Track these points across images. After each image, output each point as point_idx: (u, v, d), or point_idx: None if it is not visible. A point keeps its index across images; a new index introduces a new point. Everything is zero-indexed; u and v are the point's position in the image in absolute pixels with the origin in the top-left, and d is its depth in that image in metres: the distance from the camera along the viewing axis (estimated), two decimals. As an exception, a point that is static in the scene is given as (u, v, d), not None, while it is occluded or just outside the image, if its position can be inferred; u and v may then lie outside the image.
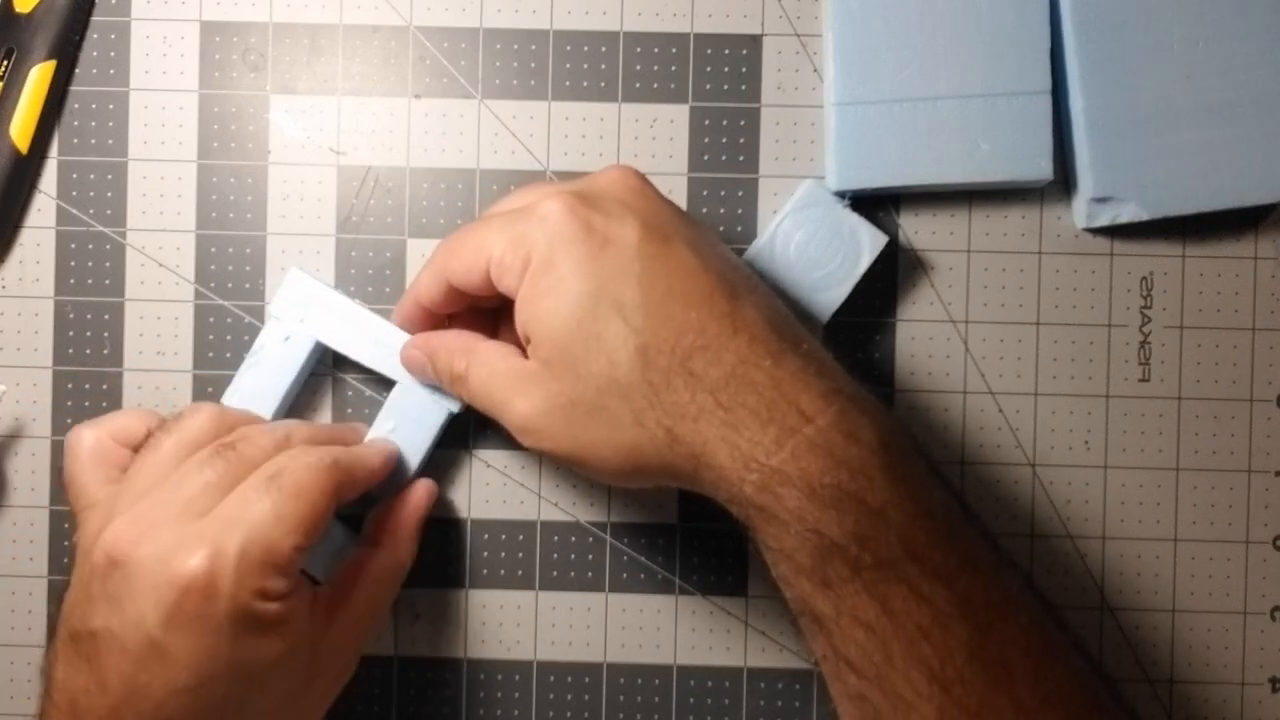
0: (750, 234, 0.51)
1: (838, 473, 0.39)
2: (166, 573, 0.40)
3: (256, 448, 0.44)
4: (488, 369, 0.43)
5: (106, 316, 0.51)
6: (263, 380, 0.49)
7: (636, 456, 0.41)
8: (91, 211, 0.51)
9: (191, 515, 0.42)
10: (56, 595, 0.51)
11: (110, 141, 0.51)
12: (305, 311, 0.49)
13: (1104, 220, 0.50)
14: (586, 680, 0.51)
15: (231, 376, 0.50)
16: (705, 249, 0.42)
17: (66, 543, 0.51)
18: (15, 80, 0.50)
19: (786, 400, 0.39)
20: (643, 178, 0.44)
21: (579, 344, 0.41)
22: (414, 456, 0.49)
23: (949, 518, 0.40)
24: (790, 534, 0.39)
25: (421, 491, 0.49)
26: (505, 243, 0.42)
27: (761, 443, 0.39)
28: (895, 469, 0.39)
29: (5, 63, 0.50)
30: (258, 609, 0.41)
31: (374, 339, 0.49)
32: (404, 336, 0.49)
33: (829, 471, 0.39)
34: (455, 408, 0.49)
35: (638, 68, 0.51)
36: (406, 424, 0.49)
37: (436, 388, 0.49)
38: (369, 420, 0.51)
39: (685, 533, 0.51)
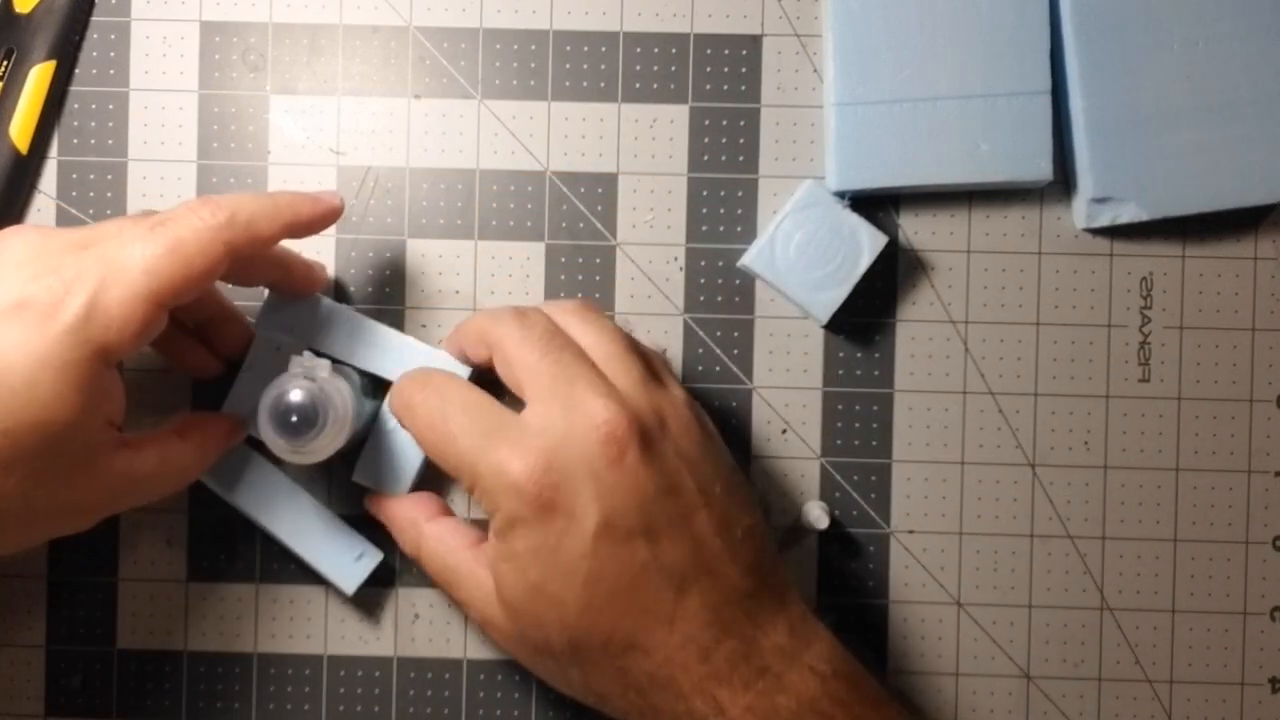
0: (750, 234, 0.51)
1: None
2: (14, 285, 0.40)
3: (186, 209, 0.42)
4: (439, 561, 0.46)
5: (106, 317, 0.51)
6: (256, 393, 0.49)
7: (578, 691, 0.44)
8: (91, 212, 0.51)
9: (76, 247, 0.41)
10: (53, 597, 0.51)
11: (110, 142, 0.51)
12: (293, 321, 0.49)
13: (1104, 220, 0.50)
14: (586, 680, 0.51)
15: (229, 377, 0.50)
16: (668, 532, 0.41)
17: (65, 542, 0.51)
18: (15, 80, 0.50)
19: (704, 695, 0.41)
20: (631, 441, 0.41)
21: (526, 615, 0.42)
22: (417, 453, 0.49)
23: None
24: None
25: (227, 425, 0.48)
26: (468, 478, 0.43)
27: None
28: None
29: (5, 63, 0.50)
30: (84, 353, 0.40)
31: (365, 341, 0.49)
32: (393, 335, 0.49)
33: None
34: None
35: (637, 68, 0.51)
36: (406, 424, 0.49)
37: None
38: (369, 420, 0.51)
39: (685, 533, 0.51)
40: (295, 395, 0.44)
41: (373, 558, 0.49)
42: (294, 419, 0.44)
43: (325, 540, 0.49)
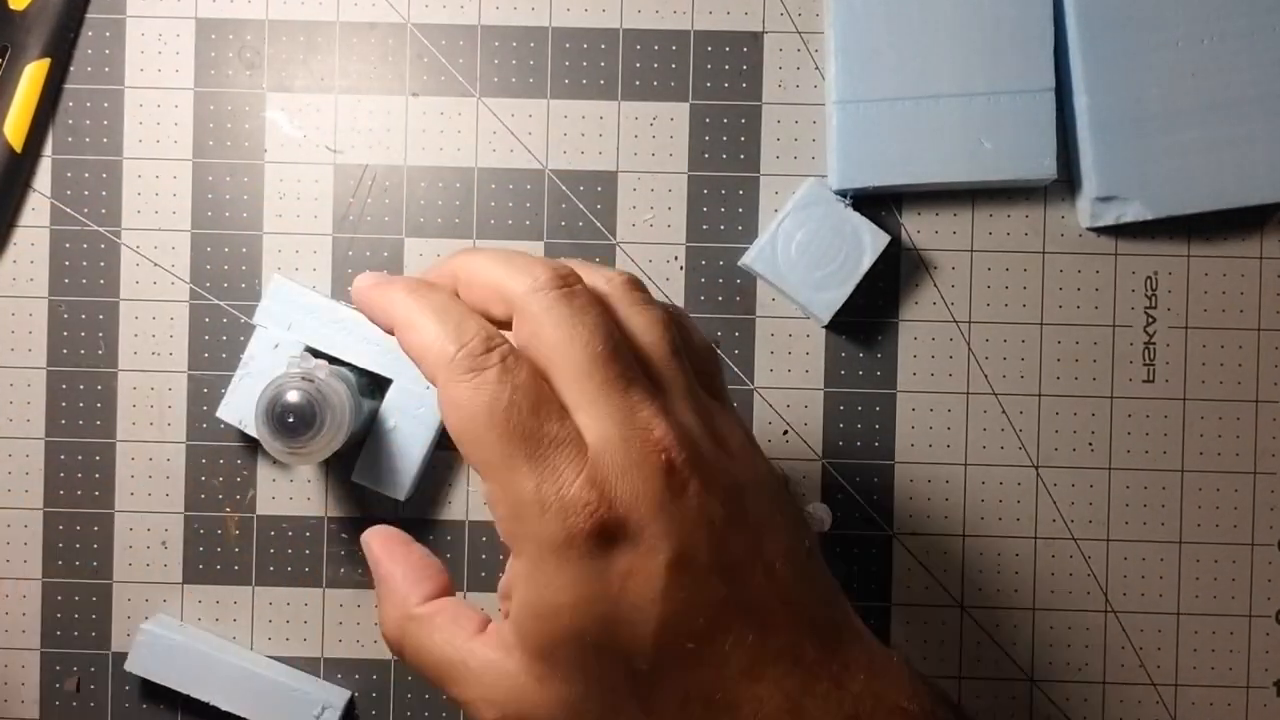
0: (751, 233, 0.51)
1: None
2: None
3: None
4: (436, 653, 0.38)
5: (101, 316, 0.51)
6: (256, 389, 0.49)
7: None
8: (86, 210, 0.51)
9: None
10: (50, 598, 0.51)
11: (105, 140, 0.51)
12: (291, 317, 0.49)
13: (1108, 220, 0.50)
14: (586, 684, 0.50)
15: (228, 377, 0.50)
16: (741, 566, 0.36)
17: (61, 545, 0.51)
18: (9, 78, 0.50)
19: None
20: (695, 470, 0.35)
21: (575, 677, 0.35)
22: (417, 452, 0.49)
23: None
24: None
25: None
26: (505, 495, 0.35)
27: None
28: None
29: (0, 60, 0.50)
30: None
31: (363, 338, 0.49)
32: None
33: None
34: None
35: (637, 65, 0.51)
36: (406, 420, 0.49)
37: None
38: (366, 421, 0.50)
39: (685, 535, 0.51)
40: (292, 396, 0.44)
41: (334, 710, 0.49)
42: (291, 420, 0.44)
43: (280, 703, 0.48)
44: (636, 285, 0.38)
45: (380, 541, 0.41)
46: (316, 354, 0.49)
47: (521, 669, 0.36)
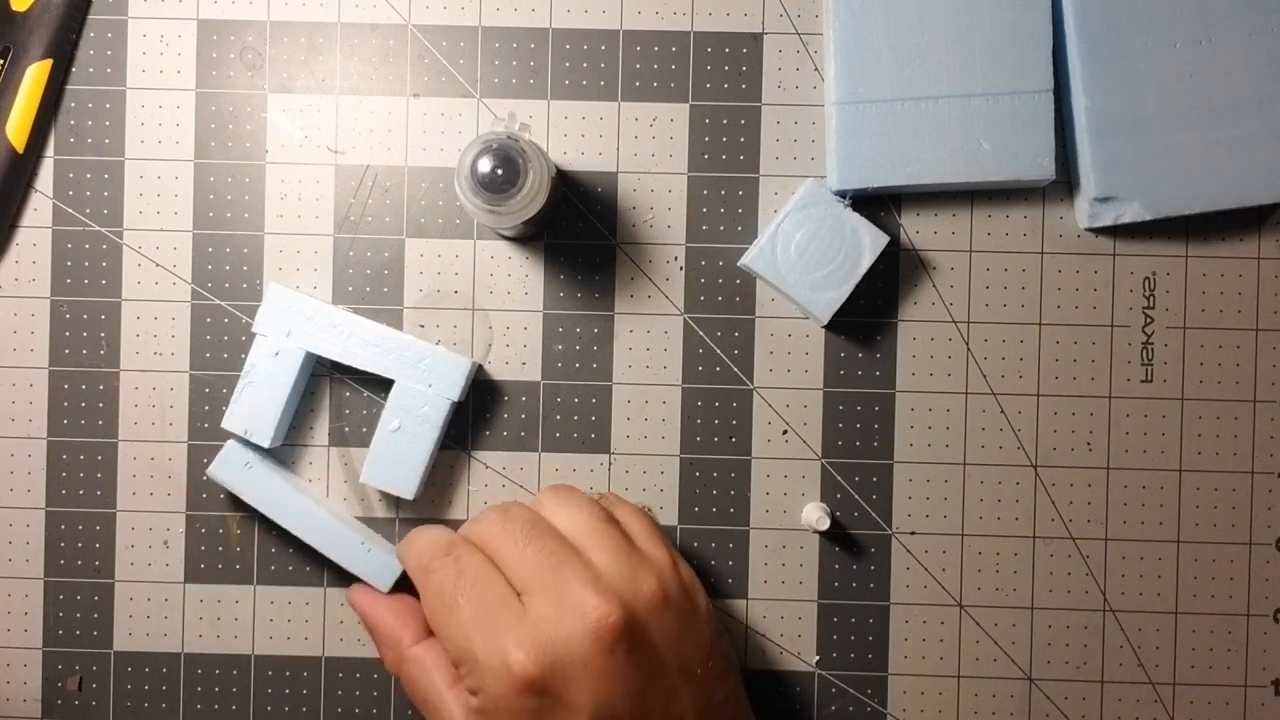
0: (750, 234, 0.51)
1: None
2: None
3: None
4: (420, 690, 0.46)
5: (103, 316, 0.51)
6: (259, 398, 0.49)
7: None
8: (88, 211, 0.51)
9: None
10: (53, 598, 0.51)
11: (107, 141, 0.51)
12: (290, 324, 0.49)
13: (1106, 220, 0.50)
14: (586, 682, 0.50)
15: (229, 377, 0.50)
16: (655, 712, 0.43)
17: (63, 544, 0.51)
18: (11, 79, 0.50)
19: None
20: (622, 632, 0.43)
21: None
22: (423, 451, 0.49)
23: None
24: None
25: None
26: (459, 653, 0.44)
27: None
28: None
29: (2, 61, 0.50)
30: None
31: (363, 341, 0.49)
32: (392, 335, 0.49)
33: None
34: (456, 396, 0.49)
35: (638, 66, 0.51)
36: (411, 420, 0.49)
37: (434, 381, 0.49)
38: (373, 420, 0.50)
39: (685, 534, 0.51)
40: (498, 149, 0.44)
41: (380, 547, 0.50)
42: (499, 171, 0.44)
43: (339, 540, 0.49)
44: (564, 486, 0.48)
45: (364, 597, 0.49)
46: (319, 358, 0.50)
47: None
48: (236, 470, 0.49)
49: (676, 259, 0.51)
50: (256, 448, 0.50)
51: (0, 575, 0.51)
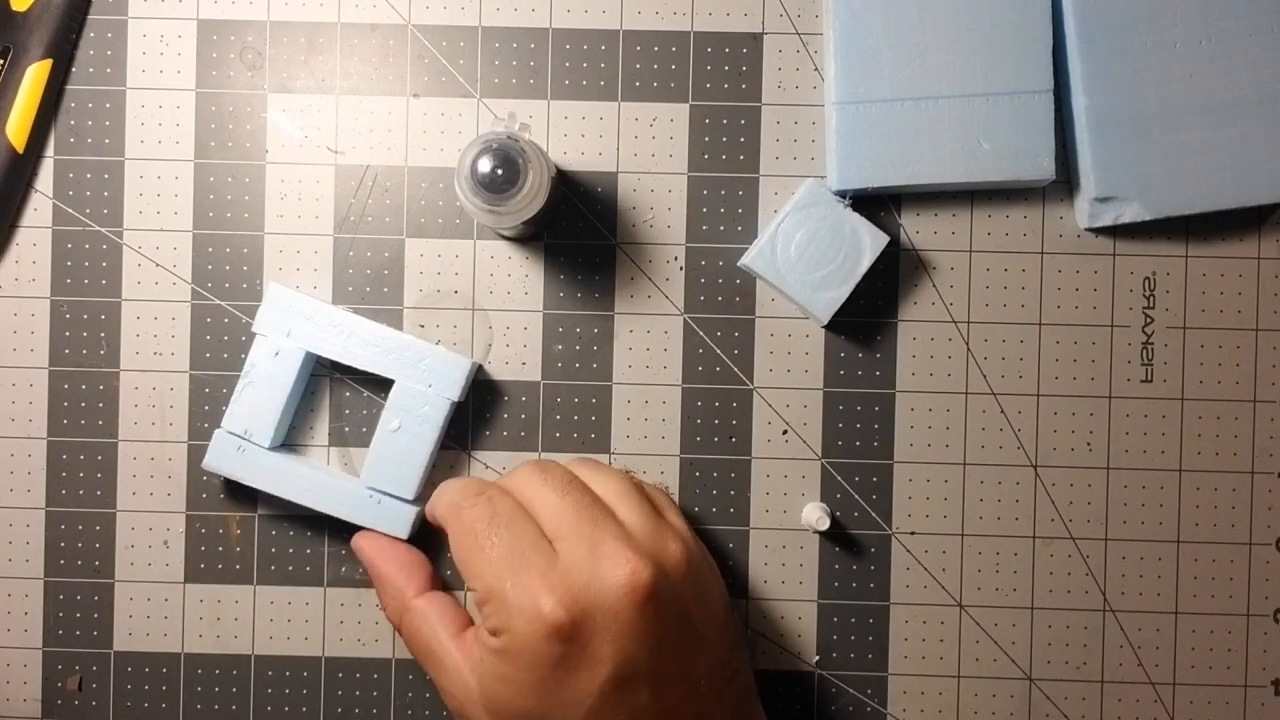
0: (750, 234, 0.51)
1: None
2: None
3: None
4: (423, 640, 0.47)
5: (103, 316, 0.51)
6: (259, 398, 0.49)
7: None
8: (88, 211, 0.51)
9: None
10: (53, 597, 0.51)
11: (107, 141, 0.51)
12: (290, 324, 0.49)
13: (1106, 220, 0.50)
14: (586, 682, 0.50)
15: (229, 377, 0.50)
16: (670, 678, 0.43)
17: (63, 544, 0.51)
18: (11, 79, 0.50)
19: None
20: (652, 591, 0.43)
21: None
22: (423, 451, 0.49)
23: None
24: None
25: None
26: (487, 592, 0.44)
27: None
28: None
29: (2, 61, 0.50)
30: None
31: (363, 340, 0.49)
32: (392, 335, 0.49)
33: None
34: (456, 396, 0.49)
35: (638, 66, 0.51)
36: (411, 420, 0.49)
37: (434, 381, 0.49)
38: (373, 420, 0.50)
39: (685, 534, 0.51)
40: (498, 148, 0.44)
41: (391, 498, 0.50)
42: (499, 171, 0.44)
43: (347, 497, 0.49)
44: (593, 459, 0.49)
45: (370, 543, 0.49)
46: (320, 359, 0.50)
47: (475, 691, 0.45)
48: (231, 456, 0.49)
49: (676, 259, 0.51)
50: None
51: (0, 575, 0.51)
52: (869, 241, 0.49)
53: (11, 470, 0.51)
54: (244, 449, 0.49)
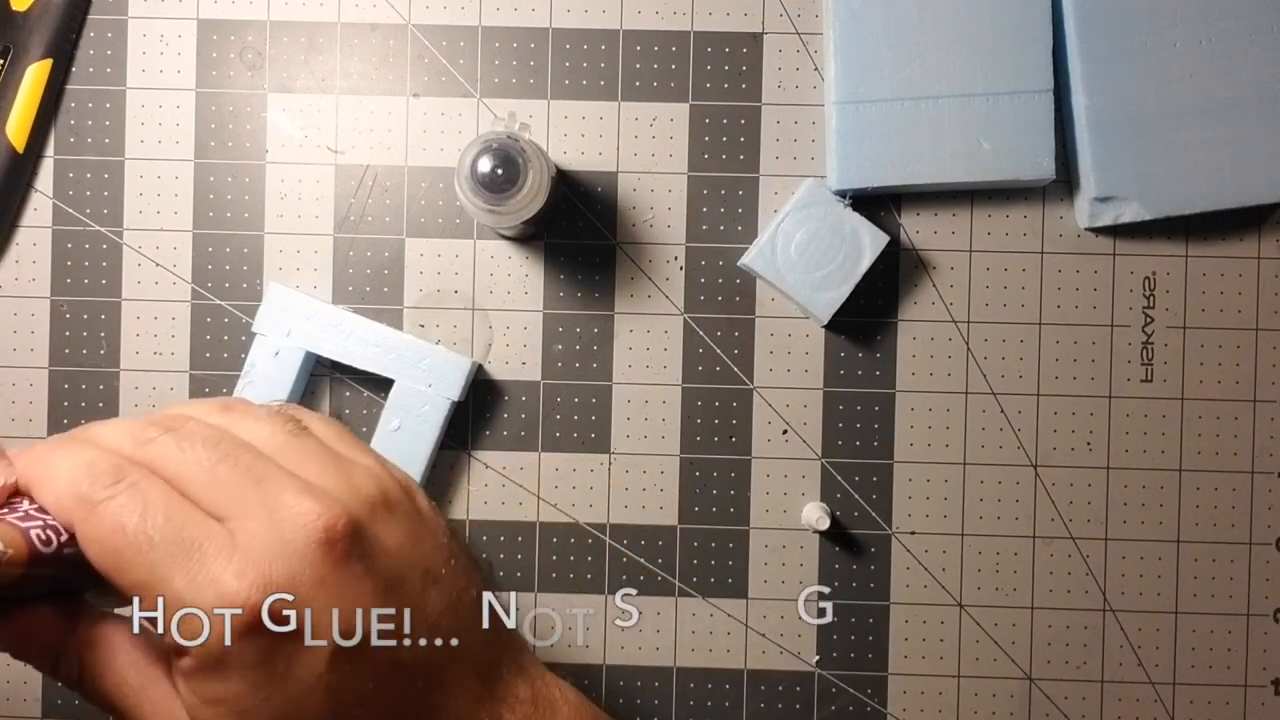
0: (750, 234, 0.51)
1: None
2: None
3: None
4: (114, 676, 0.36)
5: (103, 316, 0.51)
6: (259, 397, 0.49)
7: None
8: (88, 211, 0.51)
9: None
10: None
11: (107, 140, 0.51)
12: (290, 324, 0.49)
13: (1106, 220, 0.50)
14: (586, 682, 0.50)
15: (229, 377, 0.50)
16: (406, 633, 0.36)
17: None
18: (11, 78, 0.50)
19: None
20: (352, 538, 0.35)
21: None
22: (423, 451, 0.49)
23: None
24: None
25: None
26: (154, 601, 0.34)
27: None
28: None
29: (2, 61, 0.50)
30: None
31: (362, 340, 0.49)
32: (392, 335, 0.49)
33: None
34: (456, 395, 0.49)
35: (638, 66, 0.51)
36: (411, 420, 0.49)
37: (434, 381, 0.49)
38: (373, 420, 0.50)
39: (685, 534, 0.51)
40: (498, 148, 0.44)
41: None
42: (499, 171, 0.44)
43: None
44: (231, 401, 0.39)
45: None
46: (320, 359, 0.50)
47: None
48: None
49: (676, 259, 0.51)
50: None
51: None
52: (869, 241, 0.49)
53: (11, 470, 0.51)
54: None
